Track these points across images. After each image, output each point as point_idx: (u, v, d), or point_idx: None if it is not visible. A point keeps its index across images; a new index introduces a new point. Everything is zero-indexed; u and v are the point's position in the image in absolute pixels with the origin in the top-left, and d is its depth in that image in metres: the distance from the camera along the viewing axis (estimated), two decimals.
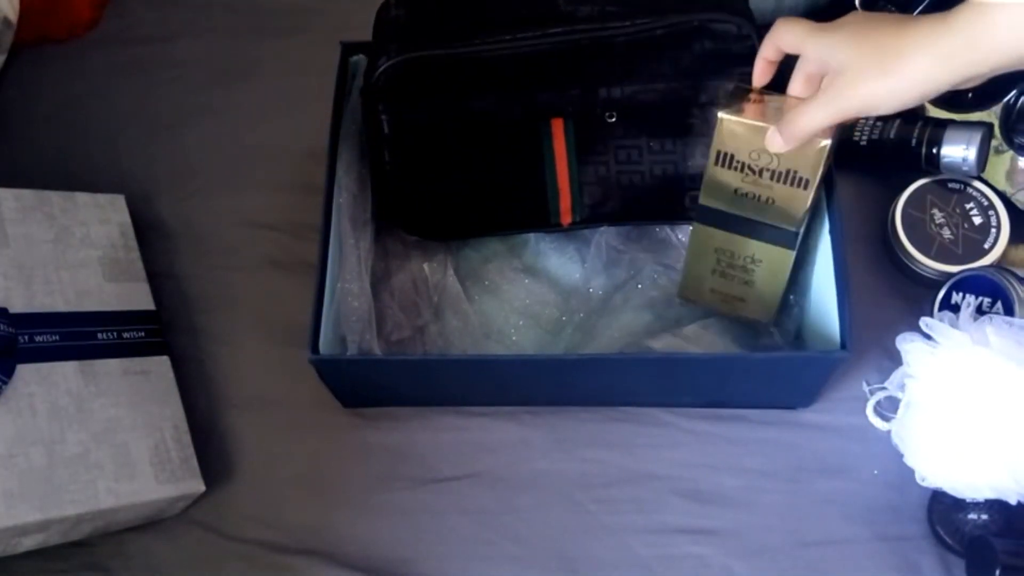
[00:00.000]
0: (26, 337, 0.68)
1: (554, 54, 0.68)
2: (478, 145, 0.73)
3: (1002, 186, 0.75)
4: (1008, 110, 0.75)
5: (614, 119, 0.71)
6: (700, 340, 0.74)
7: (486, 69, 0.69)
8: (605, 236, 0.77)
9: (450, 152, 0.73)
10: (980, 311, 0.69)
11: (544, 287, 0.78)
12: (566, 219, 0.76)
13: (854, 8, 0.80)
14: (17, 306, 0.69)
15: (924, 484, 0.65)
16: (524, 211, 0.76)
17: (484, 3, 0.70)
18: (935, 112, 0.78)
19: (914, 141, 0.75)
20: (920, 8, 0.76)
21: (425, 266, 0.79)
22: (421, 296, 0.78)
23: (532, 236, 0.79)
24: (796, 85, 0.62)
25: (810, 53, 0.59)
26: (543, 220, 0.76)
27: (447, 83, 0.69)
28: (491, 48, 0.68)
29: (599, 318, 0.76)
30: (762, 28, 0.69)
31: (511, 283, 0.78)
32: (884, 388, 0.69)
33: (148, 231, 0.83)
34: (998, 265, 0.72)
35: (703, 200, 0.69)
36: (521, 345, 0.76)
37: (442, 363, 0.73)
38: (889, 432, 0.68)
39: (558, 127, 0.72)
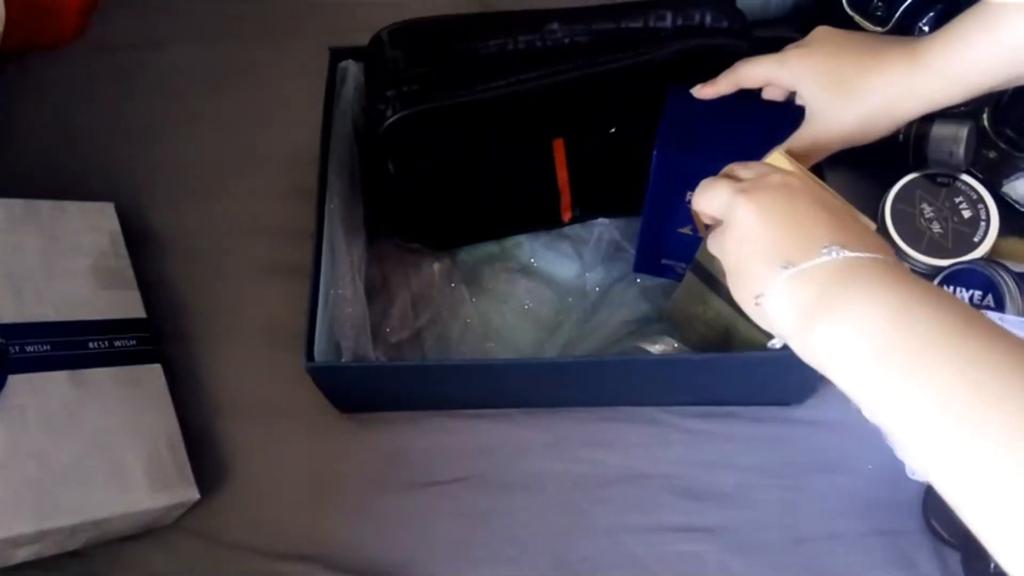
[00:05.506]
0: (17, 347, 0.67)
1: (555, 91, 0.68)
2: (479, 164, 0.74)
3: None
4: (996, 103, 0.75)
5: (614, 131, 0.72)
6: None
7: (489, 113, 0.69)
8: (599, 229, 0.78)
9: (452, 174, 0.74)
10: (972, 305, 0.69)
11: (540, 286, 0.78)
12: (566, 215, 0.77)
13: (840, 7, 0.80)
14: (7, 316, 0.68)
15: (914, 478, 0.65)
16: (526, 215, 0.77)
17: (476, 39, 0.70)
18: None
19: (901, 136, 0.76)
20: (904, 6, 0.77)
21: (422, 268, 0.79)
22: (418, 298, 0.78)
23: (526, 236, 0.80)
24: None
25: (777, 84, 0.63)
26: (544, 220, 0.77)
27: (451, 130, 0.70)
28: (492, 93, 0.68)
29: (596, 314, 0.76)
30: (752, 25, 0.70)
31: (507, 283, 0.78)
32: None
33: (138, 239, 0.82)
34: (989, 258, 0.73)
35: (699, 256, 0.67)
36: (519, 344, 0.76)
37: (438, 367, 0.73)
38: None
39: (559, 144, 0.73)
